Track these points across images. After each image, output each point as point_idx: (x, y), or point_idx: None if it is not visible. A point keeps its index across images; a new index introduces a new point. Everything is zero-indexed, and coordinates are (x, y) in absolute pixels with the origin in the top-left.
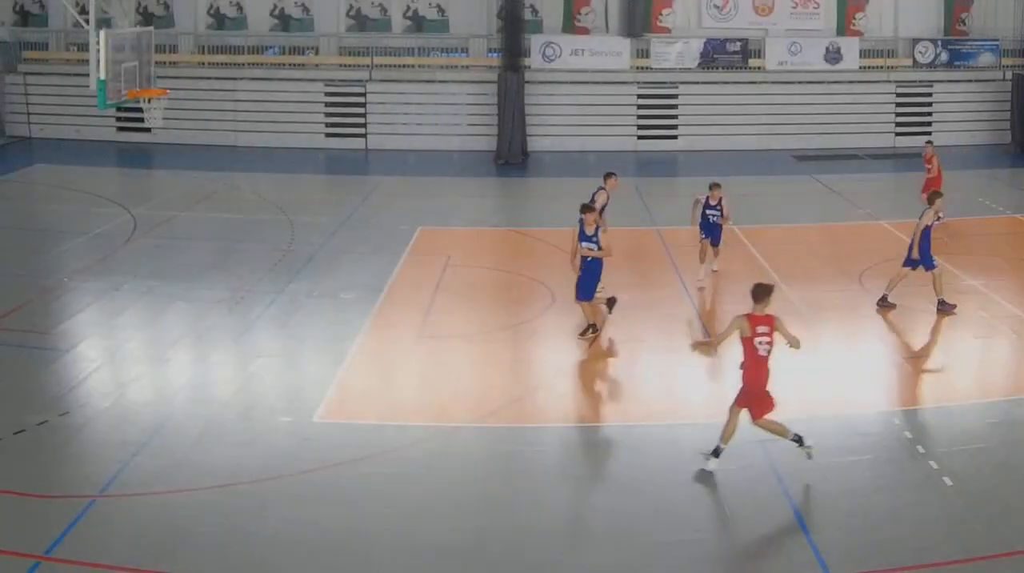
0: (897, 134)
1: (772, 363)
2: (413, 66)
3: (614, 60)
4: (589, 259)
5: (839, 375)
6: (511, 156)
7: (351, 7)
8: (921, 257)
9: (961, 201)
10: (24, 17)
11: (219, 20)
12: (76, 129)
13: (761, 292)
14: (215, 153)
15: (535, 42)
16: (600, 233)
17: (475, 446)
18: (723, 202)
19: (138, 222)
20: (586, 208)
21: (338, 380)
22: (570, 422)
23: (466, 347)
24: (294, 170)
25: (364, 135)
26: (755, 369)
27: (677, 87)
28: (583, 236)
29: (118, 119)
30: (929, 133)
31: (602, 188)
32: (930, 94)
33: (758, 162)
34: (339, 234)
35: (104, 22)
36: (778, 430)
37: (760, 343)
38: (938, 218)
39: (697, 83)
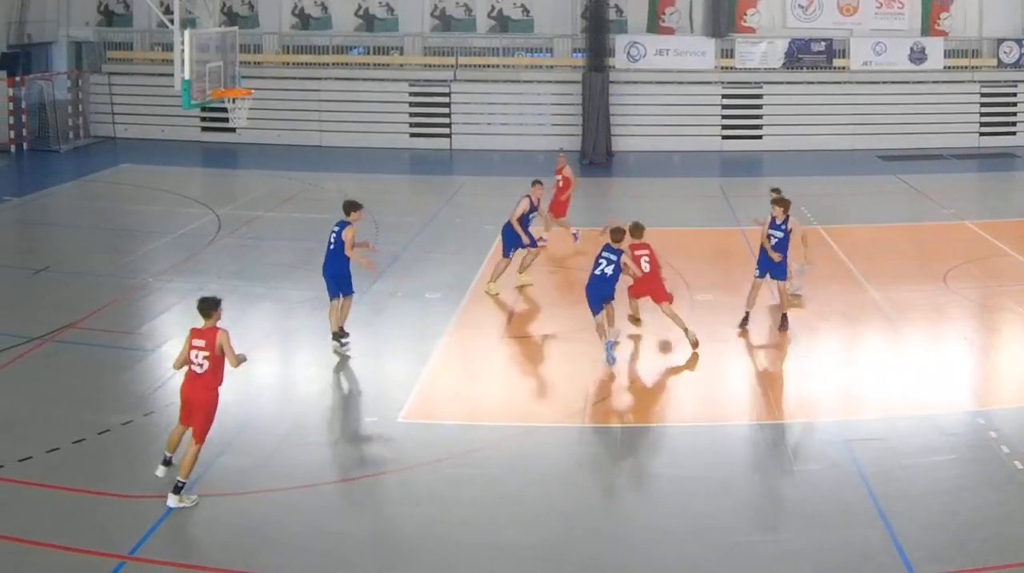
0: (981, 134)
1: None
2: (498, 66)
3: (699, 60)
4: (597, 273)
5: (924, 375)
6: (596, 156)
7: (436, 7)
8: (776, 266)
9: None
10: (109, 17)
11: (303, 20)
12: (161, 129)
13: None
14: (299, 153)
15: (620, 42)
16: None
17: (557, 446)
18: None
19: (223, 222)
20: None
21: (422, 380)
22: (651, 422)
23: (549, 347)
24: (378, 170)
25: (448, 135)
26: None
27: (761, 87)
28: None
29: (202, 119)
30: (1013, 133)
31: (527, 195)
32: (1015, 94)
33: (843, 162)
34: (424, 234)
35: (189, 22)
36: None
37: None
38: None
39: (781, 83)
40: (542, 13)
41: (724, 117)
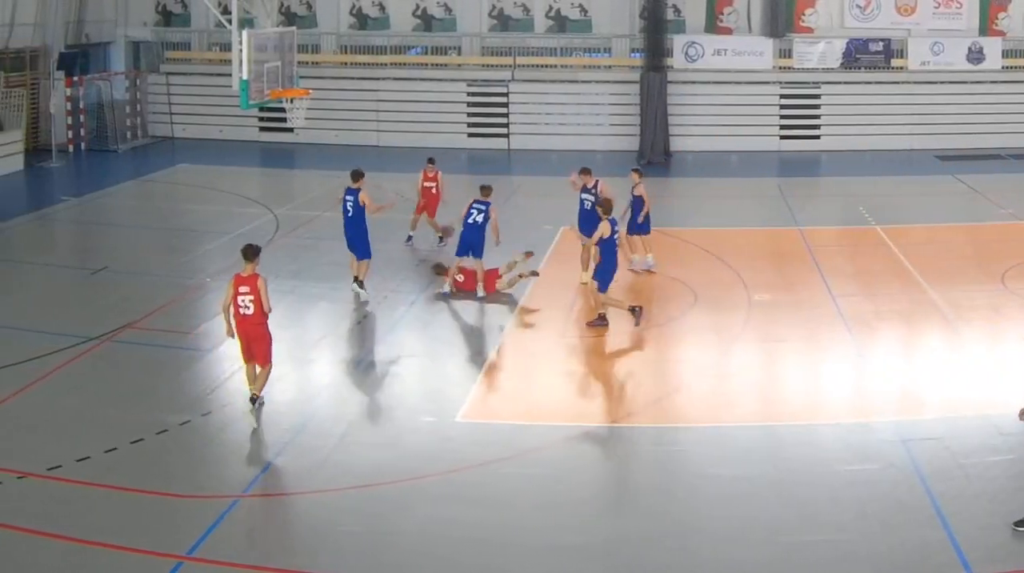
0: None
1: None
2: (556, 66)
3: (757, 60)
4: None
5: (981, 375)
6: (654, 156)
7: (493, 7)
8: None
9: None
10: (167, 17)
11: (361, 20)
12: (219, 129)
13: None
14: (357, 153)
15: (678, 42)
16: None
17: (615, 446)
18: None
19: (280, 222)
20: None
21: (480, 380)
22: (710, 422)
23: (608, 346)
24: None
25: (507, 135)
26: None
27: (819, 87)
28: None
29: (260, 119)
30: None
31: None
32: None
33: (901, 162)
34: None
35: (247, 22)
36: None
37: None
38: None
39: (839, 83)
40: (600, 13)
41: (782, 117)
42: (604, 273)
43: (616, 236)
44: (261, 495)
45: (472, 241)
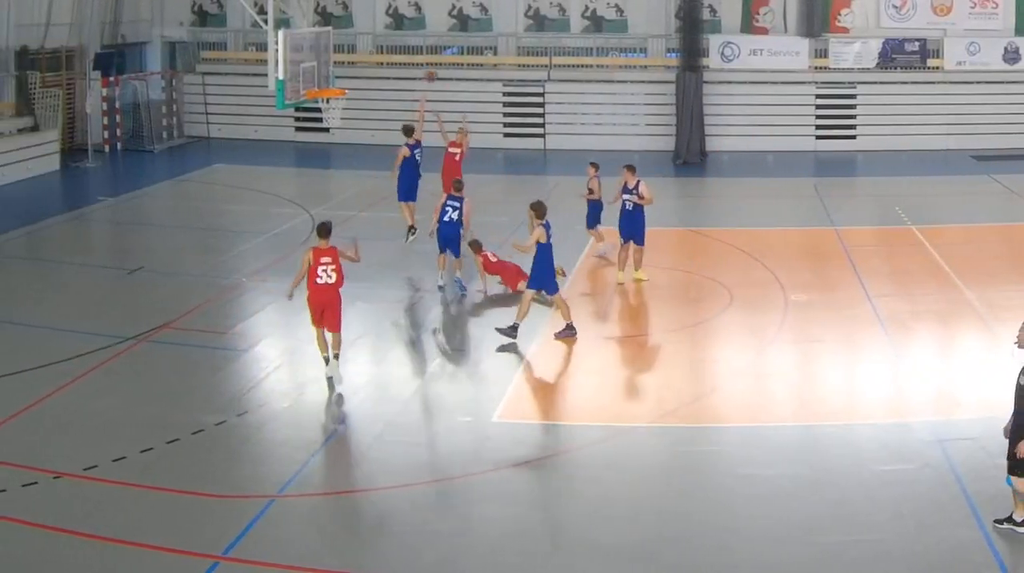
0: None
1: None
2: (591, 66)
3: (792, 60)
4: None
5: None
6: (690, 156)
7: (529, 7)
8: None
9: None
10: (203, 17)
11: (397, 20)
12: (254, 129)
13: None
14: (393, 153)
15: (713, 42)
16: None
17: (653, 446)
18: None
19: (316, 222)
20: None
21: (517, 380)
22: (747, 422)
23: (644, 347)
24: (472, 170)
25: (543, 135)
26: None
27: (855, 87)
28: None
29: (296, 119)
30: None
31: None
32: None
33: (937, 162)
34: (518, 234)
35: (283, 22)
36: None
37: None
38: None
39: (875, 83)
40: (636, 13)
41: (818, 117)
42: (538, 278)
43: (551, 241)
44: (297, 495)
45: (449, 238)
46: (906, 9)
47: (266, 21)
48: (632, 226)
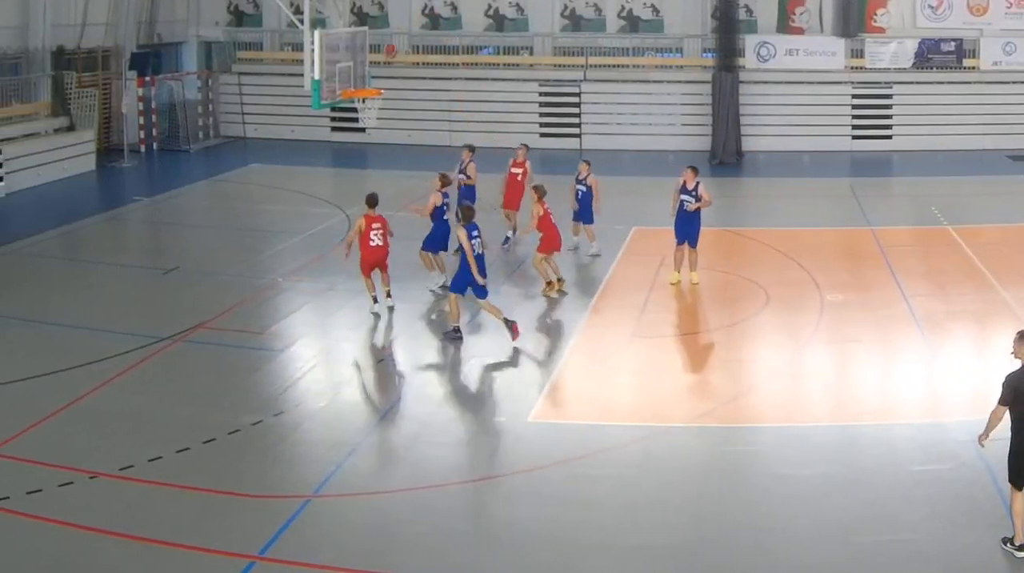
0: None
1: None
2: (627, 66)
3: (828, 60)
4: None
5: None
6: (726, 156)
7: (565, 7)
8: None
9: None
10: (238, 17)
11: (433, 20)
12: (291, 129)
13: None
14: (429, 153)
15: (750, 42)
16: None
17: (689, 446)
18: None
19: (352, 222)
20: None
21: (552, 380)
22: (783, 422)
23: (680, 347)
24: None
25: (578, 135)
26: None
27: (891, 87)
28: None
29: (332, 119)
30: None
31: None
32: None
33: (972, 162)
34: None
35: (319, 22)
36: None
37: None
38: None
39: (911, 83)
40: (672, 13)
41: (854, 117)
42: (459, 280)
43: (474, 242)
44: (333, 495)
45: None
46: (942, 9)
47: (302, 21)
48: (689, 227)
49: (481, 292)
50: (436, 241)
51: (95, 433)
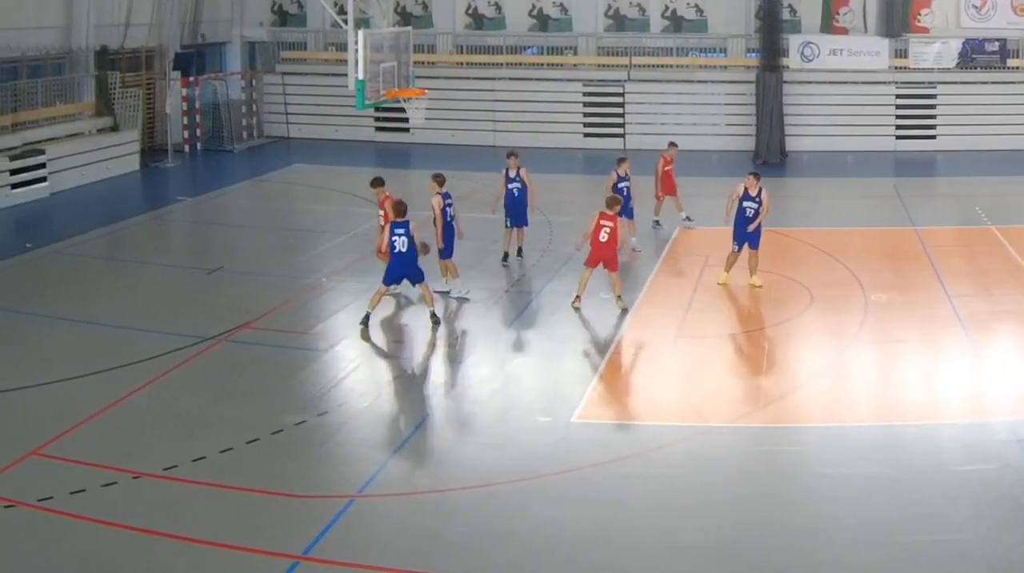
0: None
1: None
2: (671, 66)
3: (872, 60)
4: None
5: None
6: (770, 156)
7: (609, 7)
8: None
9: None
10: (283, 17)
11: (477, 20)
12: (335, 129)
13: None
14: (472, 153)
15: (793, 42)
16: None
17: (732, 446)
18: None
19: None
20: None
21: (596, 380)
22: (827, 422)
23: (724, 347)
24: (552, 170)
25: (623, 135)
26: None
27: (935, 87)
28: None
29: (376, 119)
30: None
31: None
32: None
33: (1017, 162)
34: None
35: (363, 22)
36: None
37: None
38: None
39: (955, 83)
40: (716, 13)
41: (898, 117)
42: (390, 272)
43: (394, 240)
44: (377, 495)
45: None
46: (986, 9)
47: (346, 21)
48: (751, 232)
49: (417, 277)
50: (449, 244)
51: (139, 433)
